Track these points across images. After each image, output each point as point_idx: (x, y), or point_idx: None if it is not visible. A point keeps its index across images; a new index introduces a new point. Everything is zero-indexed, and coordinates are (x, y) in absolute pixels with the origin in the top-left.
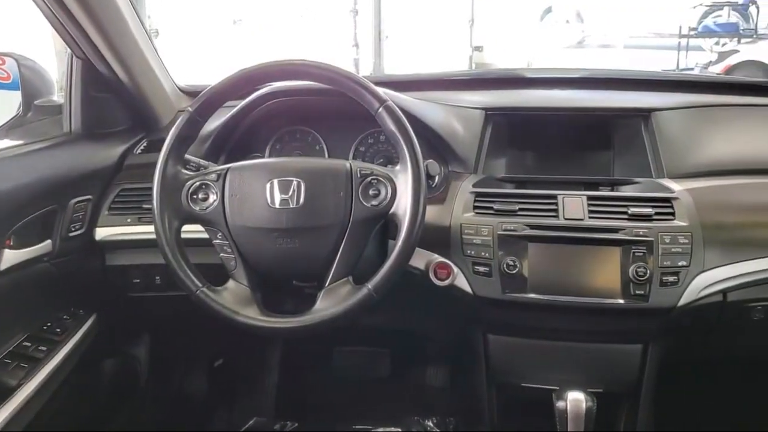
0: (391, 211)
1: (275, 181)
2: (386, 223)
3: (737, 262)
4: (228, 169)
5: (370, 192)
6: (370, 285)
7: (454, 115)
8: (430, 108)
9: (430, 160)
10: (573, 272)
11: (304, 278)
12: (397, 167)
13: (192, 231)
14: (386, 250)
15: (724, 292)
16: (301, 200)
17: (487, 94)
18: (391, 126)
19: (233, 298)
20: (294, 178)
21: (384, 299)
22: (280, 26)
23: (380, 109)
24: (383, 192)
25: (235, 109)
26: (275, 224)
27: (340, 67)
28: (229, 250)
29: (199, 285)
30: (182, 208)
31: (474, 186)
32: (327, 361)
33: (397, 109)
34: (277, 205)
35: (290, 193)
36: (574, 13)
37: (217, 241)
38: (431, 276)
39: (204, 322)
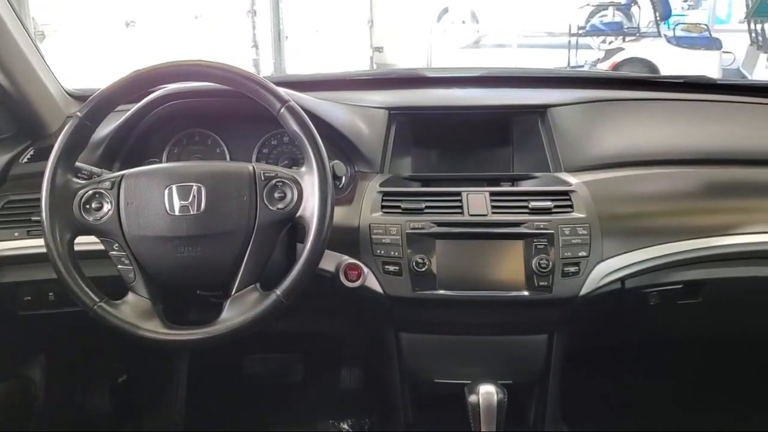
0: (298, 213)
1: (174, 187)
2: (294, 226)
3: (633, 250)
4: (122, 176)
5: (276, 195)
6: (278, 291)
7: (358, 115)
8: (333, 108)
9: (336, 161)
10: (479, 267)
11: (208, 287)
12: (303, 169)
13: (86, 243)
14: (295, 254)
15: (622, 279)
16: (202, 206)
17: (390, 93)
18: (295, 127)
19: (133, 311)
20: (194, 183)
21: (294, 304)
22: (175, 28)
23: (282, 110)
24: (289, 194)
25: (129, 113)
26: (175, 232)
27: (239, 67)
28: (127, 261)
29: (96, 300)
30: (74, 219)
31: (381, 186)
32: (237, 369)
33: (300, 109)
34: (176, 212)
35: (190, 199)
36: (469, 14)
37: (114, 252)
38: (342, 278)
39: (104, 337)
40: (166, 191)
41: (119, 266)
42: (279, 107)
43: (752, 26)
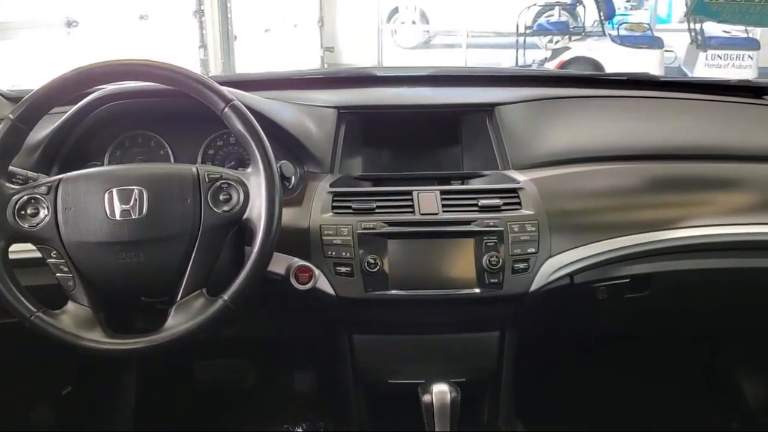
0: (245, 216)
1: (114, 191)
2: (241, 229)
3: (581, 246)
4: (60, 180)
5: (221, 197)
6: (225, 296)
7: (306, 115)
8: (281, 107)
9: (284, 161)
10: (431, 266)
11: (152, 294)
12: (249, 170)
13: (21, 251)
14: (243, 258)
15: (571, 275)
16: (144, 210)
17: (339, 92)
18: (239, 126)
19: (74, 321)
20: (135, 187)
21: (243, 309)
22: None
23: (226, 109)
24: (235, 196)
25: (67, 115)
26: (116, 237)
27: (182, 66)
28: (66, 269)
29: (34, 310)
30: (8, 225)
31: (331, 186)
32: (188, 376)
33: (245, 108)
34: (117, 217)
35: (131, 202)
36: (419, 14)
37: (52, 260)
38: (292, 281)
39: (44, 349)
40: (106, 195)
41: (57, 274)
42: (222, 107)
43: (692, 26)
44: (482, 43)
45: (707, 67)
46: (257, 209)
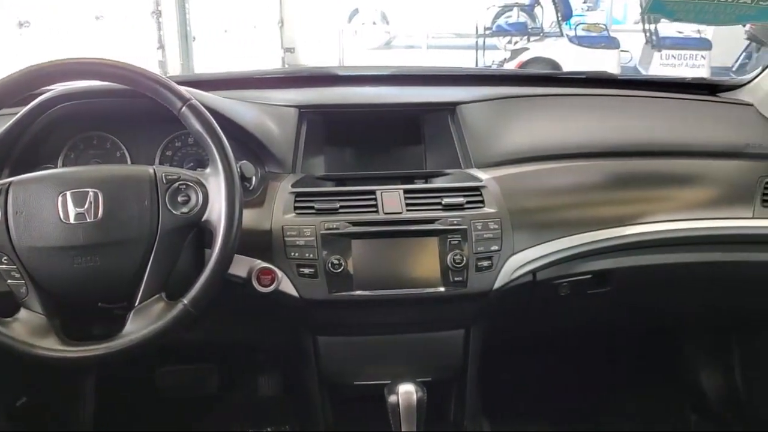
0: (204, 217)
1: (68, 194)
2: (200, 231)
3: (543, 242)
4: (10, 183)
5: (179, 198)
6: (185, 300)
7: (267, 114)
8: (241, 107)
9: (244, 161)
10: (396, 265)
11: (110, 299)
12: (208, 170)
13: None
14: (203, 261)
15: (533, 272)
16: (100, 213)
17: (300, 92)
18: (197, 126)
19: (27, 329)
20: (90, 189)
21: (204, 313)
22: (75, 29)
23: (183, 109)
24: (194, 198)
25: (17, 116)
26: (71, 242)
27: (138, 65)
28: (18, 275)
29: None
30: None
31: (293, 186)
32: (149, 383)
33: (203, 107)
34: (71, 221)
35: (86, 205)
36: (379, 15)
37: (2, 266)
38: (254, 283)
39: None
40: (60, 198)
41: (9, 281)
42: (180, 106)
43: (646, 26)
44: (443, 44)
45: (662, 67)
46: (217, 210)
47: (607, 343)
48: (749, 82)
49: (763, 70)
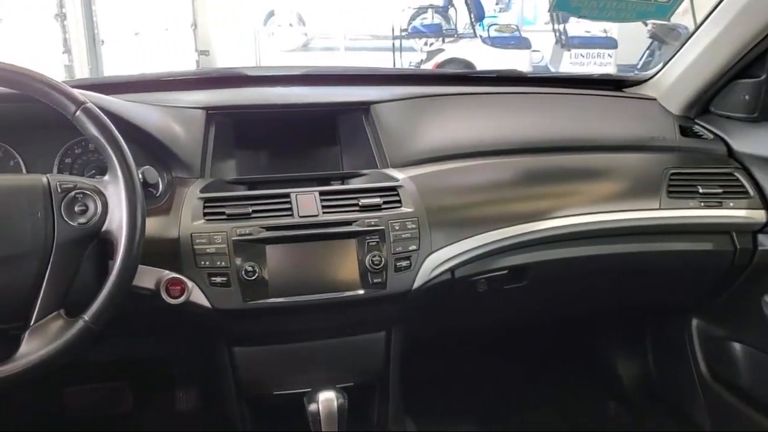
0: (104, 227)
1: None
2: (101, 242)
3: (461, 240)
4: None
5: (76, 208)
6: (86, 316)
7: (172, 117)
8: (144, 110)
9: (147, 167)
10: (313, 270)
11: (3, 318)
12: (107, 177)
13: None
14: (106, 273)
15: (452, 269)
16: None
17: (208, 93)
18: (93, 131)
19: None
20: None
21: (109, 329)
22: None
23: (78, 113)
24: (92, 207)
25: None
26: None
27: (28, 68)
28: None
29: None
30: None
31: (202, 191)
32: (56, 405)
33: (99, 111)
34: None
35: None
36: (296, 17)
37: None
38: (163, 295)
39: None
40: None
41: None
42: (74, 110)
43: (556, 26)
44: (360, 46)
45: (571, 65)
46: (117, 220)
47: (527, 337)
48: (652, 77)
49: (664, 66)
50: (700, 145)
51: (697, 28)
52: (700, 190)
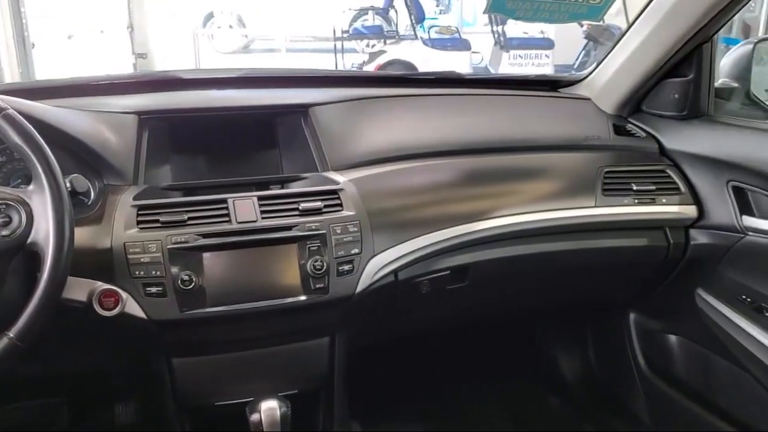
0: (30, 239)
1: None
2: (27, 254)
3: (403, 242)
4: None
5: None
6: (11, 333)
7: (103, 123)
8: (73, 116)
9: (75, 175)
10: (253, 276)
11: None
12: (31, 187)
13: None
14: (34, 287)
15: (395, 272)
16: None
17: (141, 97)
18: (15, 138)
19: None
20: None
21: (37, 344)
22: None
23: None
24: (16, 218)
25: None
26: None
27: None
28: None
29: None
30: None
31: (135, 198)
32: None
33: (20, 117)
34: None
35: None
36: (236, 19)
37: None
38: (96, 307)
39: None
40: None
41: None
42: None
43: (494, 28)
44: (301, 47)
45: (510, 66)
46: (44, 230)
47: (471, 337)
48: (586, 77)
49: (597, 66)
50: (633, 144)
51: (628, 29)
52: (634, 188)
